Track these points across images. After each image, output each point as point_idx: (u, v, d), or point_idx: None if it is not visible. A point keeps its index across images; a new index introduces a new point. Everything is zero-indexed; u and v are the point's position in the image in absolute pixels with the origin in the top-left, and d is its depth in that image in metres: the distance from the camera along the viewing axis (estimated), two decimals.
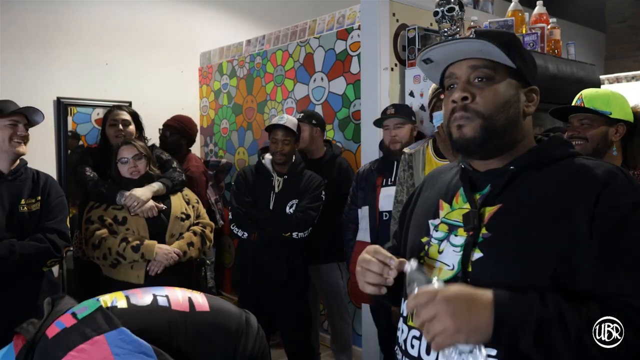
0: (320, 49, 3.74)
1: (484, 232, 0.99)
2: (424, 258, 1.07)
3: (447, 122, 1.06)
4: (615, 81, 4.25)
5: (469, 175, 1.09)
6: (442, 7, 2.68)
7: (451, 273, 1.01)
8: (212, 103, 4.85)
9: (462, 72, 1.04)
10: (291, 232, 2.70)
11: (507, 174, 1.01)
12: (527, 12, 2.69)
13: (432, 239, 1.08)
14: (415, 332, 1.03)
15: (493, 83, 1.02)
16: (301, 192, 2.78)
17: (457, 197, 1.09)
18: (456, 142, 1.04)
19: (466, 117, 1.02)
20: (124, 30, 4.59)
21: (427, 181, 1.24)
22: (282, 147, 2.76)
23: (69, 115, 4.23)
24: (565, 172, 0.98)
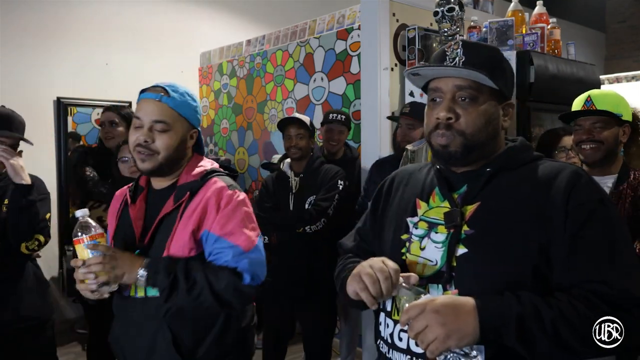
0: (320, 49, 3.74)
1: (466, 229, 1.06)
2: (405, 254, 1.12)
3: (429, 133, 1.12)
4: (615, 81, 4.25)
5: (445, 175, 1.15)
6: (442, 7, 2.68)
7: (435, 268, 1.07)
8: (212, 103, 4.85)
9: (448, 88, 1.09)
10: (303, 227, 2.66)
11: (484, 175, 1.09)
12: (527, 12, 2.69)
13: (412, 236, 1.13)
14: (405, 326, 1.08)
15: (476, 104, 1.08)
16: (318, 186, 2.75)
17: (434, 195, 1.15)
18: (437, 153, 1.11)
19: (448, 135, 1.08)
20: (124, 30, 4.59)
21: (397, 180, 1.27)
22: (297, 141, 2.75)
23: (69, 115, 4.23)
24: (536, 174, 1.07)
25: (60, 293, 3.87)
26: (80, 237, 1.32)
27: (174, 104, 1.42)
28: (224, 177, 1.50)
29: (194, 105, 1.48)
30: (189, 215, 1.40)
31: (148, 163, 1.41)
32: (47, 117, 4.17)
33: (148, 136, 1.39)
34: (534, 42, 2.49)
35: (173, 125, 1.41)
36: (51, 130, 4.19)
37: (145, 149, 1.40)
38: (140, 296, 1.42)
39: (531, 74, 2.40)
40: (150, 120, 1.40)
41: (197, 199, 1.42)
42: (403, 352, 1.08)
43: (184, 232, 1.39)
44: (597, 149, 1.87)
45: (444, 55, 1.10)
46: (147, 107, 1.42)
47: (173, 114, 1.41)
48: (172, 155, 1.42)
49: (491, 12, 3.39)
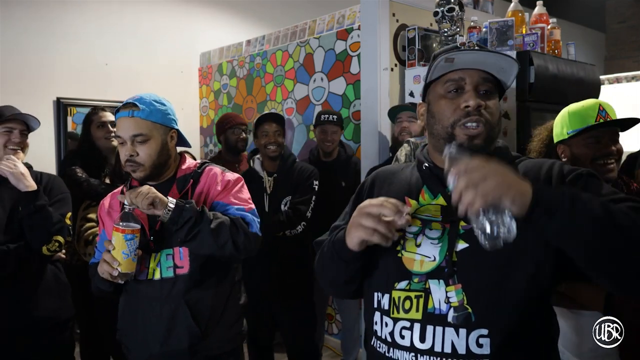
0: (320, 49, 3.74)
1: (463, 224, 1.07)
2: (401, 252, 1.12)
3: (453, 123, 1.10)
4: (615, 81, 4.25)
5: (435, 173, 1.15)
6: (442, 7, 2.68)
7: (433, 264, 1.07)
8: (211, 103, 4.85)
9: (474, 80, 1.10)
10: (283, 231, 2.65)
11: None
12: (527, 12, 2.69)
13: (407, 233, 1.13)
14: (405, 322, 1.07)
15: (493, 97, 1.12)
16: (294, 186, 2.72)
17: (423, 194, 1.16)
18: (462, 144, 1.08)
19: (482, 123, 1.08)
20: (124, 31, 4.59)
21: (380, 180, 1.27)
22: (275, 138, 2.70)
23: (68, 115, 4.23)
24: (524, 170, 1.11)
25: None
26: (123, 227, 1.46)
27: (145, 115, 1.56)
28: (216, 165, 1.73)
29: (164, 109, 1.62)
30: (198, 198, 1.61)
31: (139, 173, 1.59)
32: (47, 117, 4.17)
33: (132, 150, 1.56)
34: (534, 42, 2.48)
35: (150, 134, 1.57)
36: (51, 130, 4.19)
37: (133, 162, 1.56)
38: (157, 278, 1.57)
39: (531, 74, 2.40)
40: (129, 135, 1.56)
41: (200, 186, 1.64)
42: (406, 350, 1.06)
43: None
44: (615, 166, 1.66)
45: (458, 48, 1.12)
46: (123, 124, 1.57)
47: (147, 124, 1.57)
48: (157, 160, 1.59)
49: (491, 13, 3.39)
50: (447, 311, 1.03)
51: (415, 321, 1.06)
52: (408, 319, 1.07)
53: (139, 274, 1.58)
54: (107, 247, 1.49)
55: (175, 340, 1.56)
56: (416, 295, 1.07)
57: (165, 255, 1.59)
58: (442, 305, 1.04)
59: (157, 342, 1.57)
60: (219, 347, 1.63)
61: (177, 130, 1.66)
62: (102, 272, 1.50)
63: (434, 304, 1.05)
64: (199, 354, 1.59)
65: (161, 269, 1.58)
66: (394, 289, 1.10)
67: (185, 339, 1.56)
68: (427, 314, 1.05)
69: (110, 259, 1.47)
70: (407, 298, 1.08)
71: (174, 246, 1.58)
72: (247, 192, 1.72)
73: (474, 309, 1.02)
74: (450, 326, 1.02)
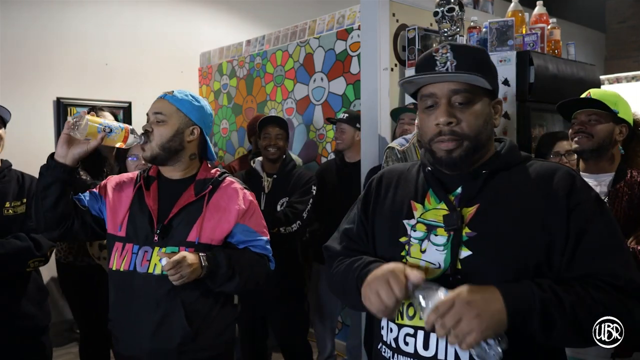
0: (320, 49, 3.74)
1: (467, 231, 1.06)
2: (406, 257, 1.12)
3: (429, 141, 1.10)
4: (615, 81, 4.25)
5: (437, 177, 1.14)
6: (442, 7, 2.68)
7: (438, 271, 1.07)
8: (212, 103, 4.85)
9: (443, 93, 1.08)
10: (278, 228, 2.65)
11: (481, 177, 1.10)
12: (527, 12, 2.68)
13: (411, 238, 1.12)
14: (409, 329, 1.08)
15: (472, 105, 1.08)
16: (291, 189, 2.76)
17: (428, 197, 1.14)
18: (441, 160, 1.09)
19: (454, 139, 1.07)
20: (124, 31, 4.60)
21: (386, 180, 1.25)
22: (276, 141, 2.75)
23: (68, 115, 4.23)
24: (531, 174, 1.09)
25: (60, 294, 3.87)
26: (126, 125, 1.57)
27: (173, 100, 1.61)
28: (235, 179, 1.73)
29: (197, 105, 1.65)
30: (214, 206, 1.61)
31: (147, 152, 1.59)
32: (47, 117, 4.17)
33: (149, 125, 1.60)
34: (534, 42, 2.48)
35: (169, 117, 1.60)
36: (51, 130, 4.19)
37: (146, 137, 1.59)
38: (156, 273, 1.55)
39: (531, 74, 2.39)
40: (152, 112, 1.61)
41: (218, 194, 1.63)
42: (410, 357, 1.07)
43: (211, 221, 1.59)
44: (585, 142, 1.91)
45: (433, 60, 1.09)
46: (154, 104, 1.64)
47: (171, 107, 1.61)
48: (167, 144, 1.59)
49: (491, 13, 3.38)
50: None
51: (419, 328, 1.06)
52: (412, 326, 1.07)
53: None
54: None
55: (166, 338, 1.55)
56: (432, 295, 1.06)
57: (170, 252, 1.56)
58: None
59: (147, 338, 1.55)
60: (208, 349, 1.62)
61: (200, 130, 1.65)
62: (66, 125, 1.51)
63: None
64: (187, 354, 1.57)
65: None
66: None
67: (175, 338, 1.55)
68: None
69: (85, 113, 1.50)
70: (410, 305, 1.07)
71: (181, 245, 1.57)
72: None
73: None
74: None
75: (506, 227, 1.04)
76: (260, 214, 1.71)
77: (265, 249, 1.69)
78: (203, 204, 1.60)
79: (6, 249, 1.91)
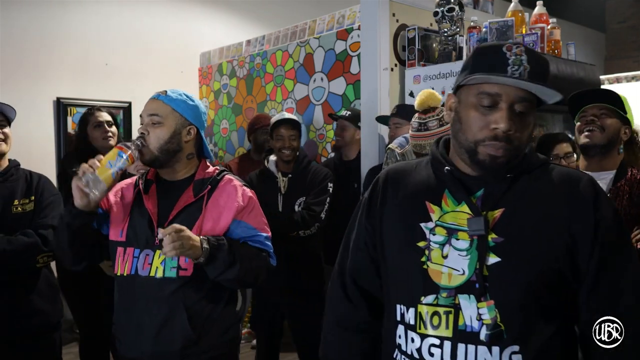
0: (320, 49, 3.74)
1: (494, 236, 1.01)
2: (427, 263, 1.06)
3: (476, 142, 1.03)
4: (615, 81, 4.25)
5: (457, 176, 1.08)
6: (442, 7, 2.68)
7: (463, 278, 1.02)
8: (212, 103, 4.85)
9: (510, 98, 1.01)
10: (297, 232, 2.63)
11: (505, 181, 1.05)
12: (527, 12, 2.69)
13: (431, 243, 1.06)
14: (434, 340, 1.03)
15: (528, 115, 1.03)
16: (308, 188, 2.70)
17: (445, 199, 1.08)
18: (483, 163, 1.03)
19: (506, 147, 1.01)
20: (124, 31, 4.60)
21: (391, 181, 1.18)
22: (290, 142, 2.69)
23: (68, 115, 4.23)
24: (554, 179, 1.07)
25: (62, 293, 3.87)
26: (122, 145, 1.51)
27: (168, 100, 1.59)
28: (234, 176, 1.71)
29: (190, 104, 1.63)
30: (213, 206, 1.59)
31: (146, 156, 1.57)
32: (47, 117, 4.17)
33: (145, 129, 1.58)
34: (534, 42, 2.48)
35: (165, 118, 1.58)
36: (51, 130, 4.19)
37: (142, 141, 1.56)
38: (158, 276, 1.55)
39: None
40: (147, 114, 1.59)
41: (217, 193, 1.61)
42: None
43: (210, 221, 1.58)
44: (596, 135, 1.90)
45: (505, 58, 1.01)
46: (147, 105, 1.62)
47: (167, 108, 1.59)
48: (165, 146, 1.57)
49: (491, 12, 3.39)
50: (480, 329, 0.99)
51: (445, 339, 1.02)
52: (437, 336, 1.02)
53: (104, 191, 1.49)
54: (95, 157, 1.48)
55: (168, 341, 1.54)
56: (445, 311, 1.02)
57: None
58: (473, 322, 1.00)
59: (149, 340, 1.55)
60: (214, 350, 1.61)
61: (197, 129, 1.64)
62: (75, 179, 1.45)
63: (464, 321, 1.01)
64: (192, 356, 1.57)
65: (164, 268, 1.56)
66: (420, 303, 1.05)
67: (178, 341, 1.54)
68: (458, 331, 1.01)
69: (92, 162, 1.46)
70: (435, 313, 1.03)
71: None
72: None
73: (506, 325, 0.99)
74: (483, 344, 0.99)
75: (533, 233, 1.01)
76: (260, 211, 1.68)
77: (265, 245, 1.66)
78: (202, 204, 1.58)
79: (14, 245, 1.92)
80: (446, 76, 2.68)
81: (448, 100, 1.13)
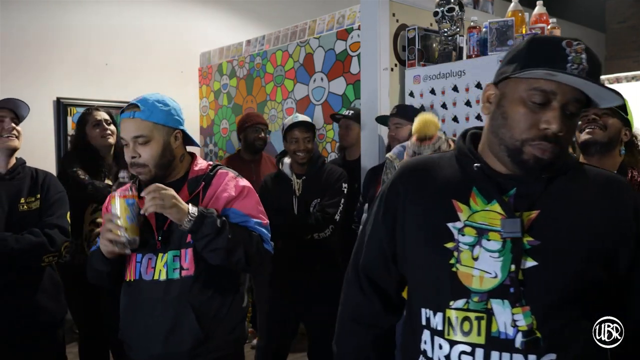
0: (320, 49, 3.74)
1: (529, 239, 0.96)
2: (456, 266, 1.00)
3: (524, 141, 0.97)
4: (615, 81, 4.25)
5: (487, 174, 1.02)
6: (442, 7, 2.68)
7: (495, 281, 0.97)
8: (211, 103, 4.85)
9: (565, 98, 0.95)
10: (312, 234, 2.61)
11: (542, 181, 1.00)
12: (527, 12, 2.68)
13: (459, 244, 1.00)
14: (465, 347, 0.97)
15: (576, 117, 0.99)
16: (322, 189, 2.67)
17: (473, 197, 1.02)
18: (527, 162, 0.97)
19: (554, 149, 0.96)
20: (124, 31, 4.60)
21: (413, 178, 1.11)
22: (305, 145, 2.66)
23: (68, 115, 4.24)
24: (589, 181, 1.02)
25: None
26: (124, 192, 1.48)
27: (145, 116, 1.55)
28: (229, 169, 1.71)
29: (167, 110, 1.59)
30: (208, 201, 1.60)
31: (144, 175, 1.58)
32: (47, 117, 4.17)
33: (134, 152, 1.56)
34: None
35: (151, 135, 1.55)
36: (51, 130, 4.20)
37: (137, 165, 1.56)
38: (162, 279, 1.56)
39: None
40: (131, 137, 1.55)
41: (212, 188, 1.62)
42: None
43: None
44: (598, 133, 1.90)
45: (565, 55, 0.94)
46: (125, 126, 1.57)
47: (148, 125, 1.55)
48: (160, 161, 1.57)
49: (491, 12, 3.39)
50: (515, 336, 0.94)
51: (477, 346, 0.96)
52: (468, 343, 0.97)
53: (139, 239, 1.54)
54: (110, 218, 1.48)
55: (177, 342, 1.55)
56: (477, 316, 0.97)
57: (172, 256, 1.57)
58: (508, 329, 0.94)
59: (158, 343, 1.56)
60: (221, 349, 1.62)
61: (182, 131, 1.64)
62: (106, 245, 1.48)
63: (498, 327, 0.95)
64: (201, 356, 1.58)
65: (167, 270, 1.56)
66: (448, 307, 0.99)
67: (187, 341, 1.55)
68: (490, 338, 0.95)
69: (116, 227, 1.46)
70: (465, 319, 0.97)
71: (181, 247, 1.57)
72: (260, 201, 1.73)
73: (542, 332, 0.94)
74: (518, 352, 0.94)
75: (571, 237, 0.96)
76: (254, 199, 1.67)
77: (256, 229, 1.63)
78: (198, 201, 1.59)
79: (21, 244, 1.93)
80: (446, 76, 2.68)
81: (487, 91, 1.05)
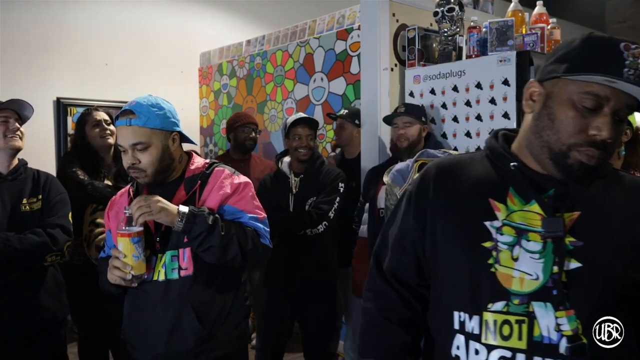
0: (320, 49, 3.74)
1: (571, 239, 0.94)
2: (494, 266, 0.97)
3: (571, 145, 0.94)
4: None
5: (526, 173, 1.00)
6: (442, 7, 2.68)
7: (537, 283, 0.94)
8: (211, 103, 4.85)
9: (618, 104, 0.92)
10: (304, 230, 2.62)
11: (582, 182, 0.98)
12: (527, 12, 2.68)
13: (498, 243, 0.98)
14: (505, 352, 0.94)
15: (624, 123, 0.96)
16: (319, 188, 2.69)
17: (510, 196, 1.00)
18: (571, 167, 0.95)
19: (600, 157, 0.94)
20: (124, 31, 4.60)
21: (444, 177, 1.08)
22: (307, 142, 2.68)
23: (68, 115, 4.24)
24: (630, 188, 1.01)
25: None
26: (129, 231, 1.47)
27: (142, 123, 1.54)
28: (226, 166, 1.70)
29: (162, 113, 1.58)
30: (205, 200, 1.61)
31: (142, 179, 1.58)
32: (47, 117, 4.17)
33: (133, 159, 1.55)
34: (534, 42, 2.48)
35: (149, 141, 1.55)
36: (51, 130, 4.20)
37: (136, 169, 1.56)
38: (161, 280, 1.57)
39: (531, 74, 2.40)
40: (129, 144, 1.54)
41: (208, 187, 1.62)
42: None
43: None
44: None
45: (622, 59, 0.89)
46: (122, 133, 1.56)
47: (145, 131, 1.55)
48: (159, 166, 1.57)
49: (491, 12, 3.39)
50: (559, 341, 0.91)
51: (518, 351, 0.93)
52: (508, 348, 0.94)
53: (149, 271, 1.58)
54: (116, 255, 1.49)
55: (180, 341, 1.56)
56: (517, 319, 0.93)
57: (171, 256, 1.58)
58: (551, 333, 0.91)
59: (161, 343, 1.57)
60: (224, 347, 1.63)
61: (178, 132, 1.64)
62: (114, 279, 1.51)
63: (541, 332, 0.92)
64: (204, 354, 1.59)
65: (166, 271, 1.57)
66: (486, 310, 0.96)
67: (190, 340, 1.56)
68: (533, 343, 0.92)
69: (122, 265, 1.48)
70: (505, 322, 0.94)
71: (179, 247, 1.58)
72: (257, 197, 1.72)
73: (588, 337, 0.91)
74: (562, 358, 0.91)
75: (613, 240, 0.95)
76: (250, 196, 1.67)
77: (250, 224, 1.63)
78: (195, 200, 1.59)
79: (24, 244, 1.94)
80: (446, 76, 2.68)
81: (529, 88, 1.02)
